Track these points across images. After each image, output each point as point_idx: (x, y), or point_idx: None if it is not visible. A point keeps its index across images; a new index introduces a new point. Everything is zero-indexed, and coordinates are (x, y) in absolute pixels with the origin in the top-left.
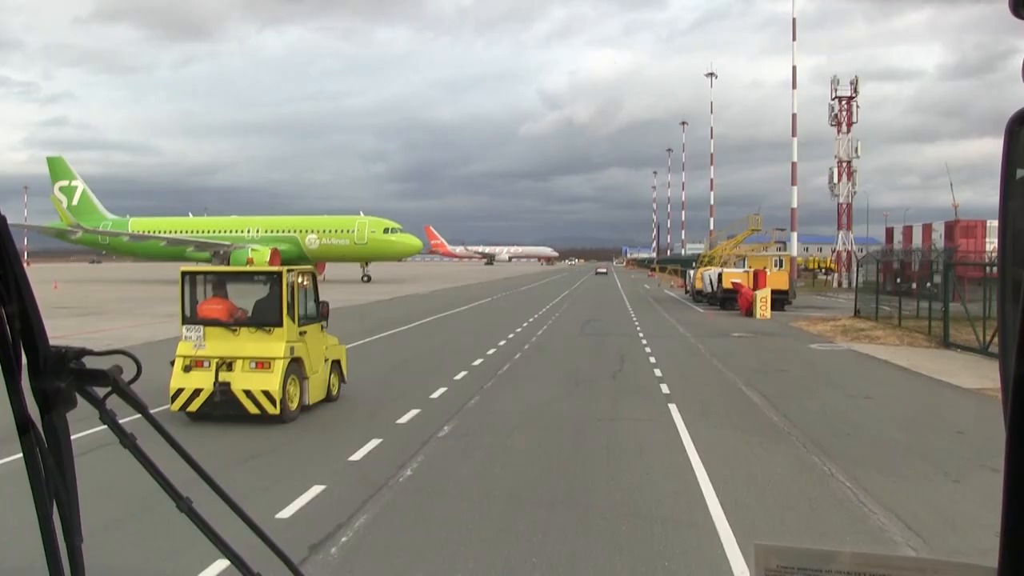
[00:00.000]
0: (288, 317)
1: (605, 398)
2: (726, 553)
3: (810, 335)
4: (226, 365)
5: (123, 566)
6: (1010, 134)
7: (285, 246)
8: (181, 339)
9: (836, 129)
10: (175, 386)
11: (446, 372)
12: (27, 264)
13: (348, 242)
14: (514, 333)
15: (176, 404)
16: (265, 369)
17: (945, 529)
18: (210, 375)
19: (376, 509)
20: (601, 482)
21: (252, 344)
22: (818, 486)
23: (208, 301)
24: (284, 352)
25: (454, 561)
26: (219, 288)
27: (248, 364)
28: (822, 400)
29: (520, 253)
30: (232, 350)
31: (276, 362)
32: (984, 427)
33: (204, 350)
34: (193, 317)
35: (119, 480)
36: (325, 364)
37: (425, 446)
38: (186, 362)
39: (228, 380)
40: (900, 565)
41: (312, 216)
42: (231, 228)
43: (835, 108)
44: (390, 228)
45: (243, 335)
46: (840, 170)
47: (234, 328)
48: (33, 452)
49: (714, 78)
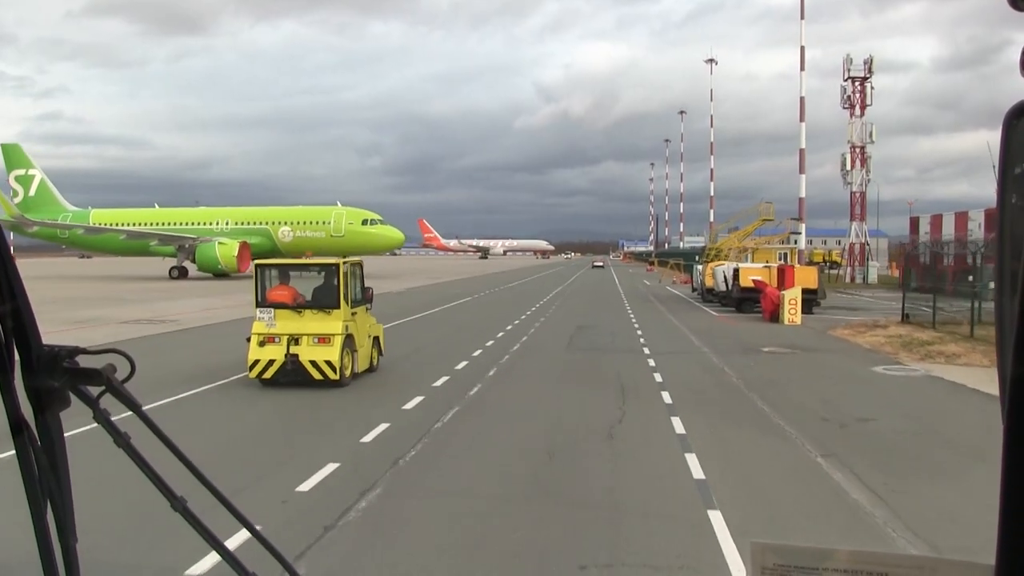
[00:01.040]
0: (344, 301)
1: (592, 505)
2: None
3: (863, 351)
4: (294, 340)
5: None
6: (1008, 127)
7: (256, 239)
8: (255, 319)
9: (849, 113)
10: (252, 358)
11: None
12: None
13: (324, 234)
14: (483, 348)
15: (253, 372)
16: (326, 344)
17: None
18: (281, 349)
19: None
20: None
21: (315, 323)
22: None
23: (276, 288)
24: (341, 329)
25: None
26: (284, 277)
27: (312, 339)
28: (974, 491)
29: (515, 247)
30: (298, 328)
31: (335, 338)
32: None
33: (275, 328)
34: (264, 301)
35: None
36: (368, 340)
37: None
38: (260, 338)
39: (296, 352)
40: (898, 563)
41: (285, 207)
42: (199, 220)
43: (847, 90)
44: (369, 219)
45: (307, 316)
46: (853, 156)
47: (299, 310)
48: (27, 451)
49: (714, 64)
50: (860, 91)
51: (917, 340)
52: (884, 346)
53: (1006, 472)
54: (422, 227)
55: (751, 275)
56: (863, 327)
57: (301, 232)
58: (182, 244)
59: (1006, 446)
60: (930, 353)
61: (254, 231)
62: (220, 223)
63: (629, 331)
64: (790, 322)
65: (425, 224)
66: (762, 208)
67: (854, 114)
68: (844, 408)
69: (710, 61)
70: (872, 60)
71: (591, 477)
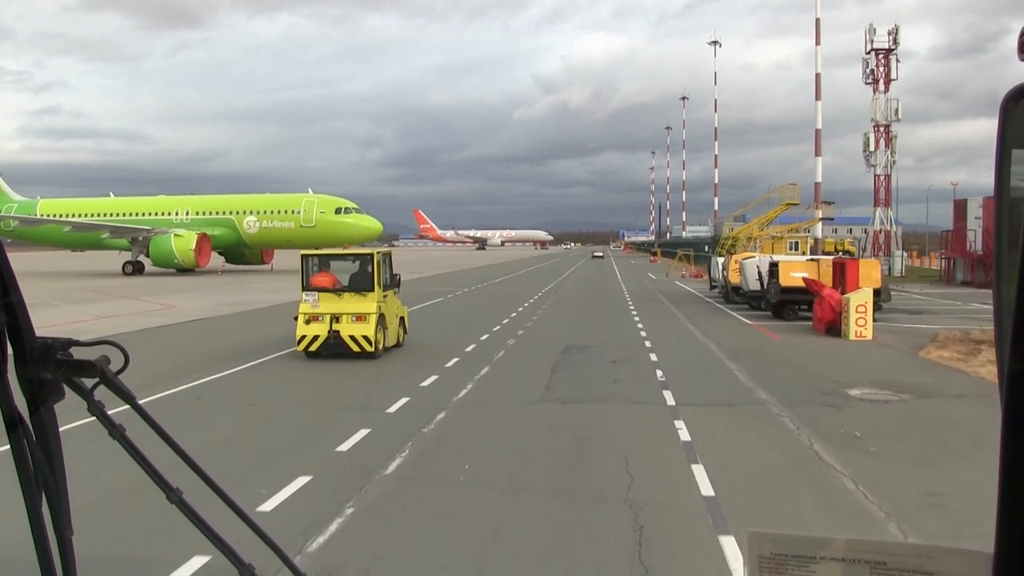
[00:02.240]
0: (377, 285)
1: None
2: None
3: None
4: (335, 318)
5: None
6: (1005, 111)
7: (219, 230)
8: (301, 301)
9: (872, 88)
10: (300, 334)
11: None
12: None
13: (293, 225)
14: (405, 399)
15: (301, 346)
16: (363, 321)
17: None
18: (324, 326)
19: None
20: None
21: (353, 304)
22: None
23: (318, 275)
24: (375, 309)
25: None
26: (325, 265)
27: (351, 318)
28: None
29: (513, 237)
30: (339, 308)
31: (370, 316)
32: None
33: (319, 308)
34: (308, 286)
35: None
36: (396, 319)
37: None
38: (306, 317)
39: (338, 329)
40: (895, 551)
41: (252, 195)
42: (157, 210)
43: (870, 63)
44: (344, 208)
45: (345, 298)
46: (877, 136)
47: (339, 293)
48: (21, 444)
49: (718, 47)
50: (884, 64)
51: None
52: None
53: (1004, 464)
54: (418, 218)
55: (795, 271)
56: (961, 344)
57: (268, 222)
58: (135, 236)
59: (1004, 438)
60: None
61: (217, 221)
62: (180, 213)
63: (639, 355)
64: (858, 337)
65: (421, 215)
66: (785, 191)
67: (877, 90)
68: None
69: (714, 43)
70: (897, 30)
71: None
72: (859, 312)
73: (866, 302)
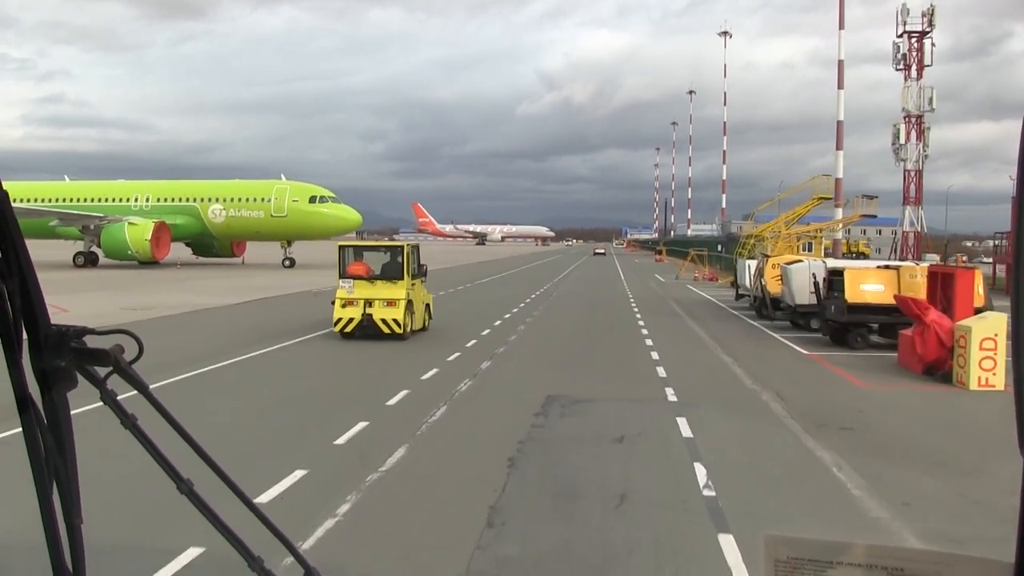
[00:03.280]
0: (406, 274)
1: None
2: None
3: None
4: (368, 303)
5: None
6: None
7: (181, 219)
8: (338, 287)
9: (903, 75)
10: (337, 316)
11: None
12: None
13: (263, 214)
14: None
15: (337, 327)
16: (393, 306)
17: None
18: (359, 309)
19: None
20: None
21: (384, 290)
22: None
23: (353, 264)
24: (404, 295)
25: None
26: (359, 256)
27: (382, 303)
28: None
29: (514, 233)
30: (372, 294)
31: (400, 302)
32: None
33: (354, 294)
34: (344, 274)
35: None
36: (422, 306)
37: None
38: (342, 302)
39: (370, 312)
40: (913, 558)
41: (219, 181)
42: (113, 195)
43: (901, 48)
44: (319, 196)
45: (378, 285)
46: (908, 128)
47: (372, 280)
48: (33, 431)
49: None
50: (918, 48)
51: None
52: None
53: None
54: (416, 211)
55: (867, 282)
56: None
57: (236, 211)
58: (87, 225)
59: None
60: None
61: (180, 209)
62: (139, 199)
63: (660, 422)
64: (983, 385)
65: (420, 208)
66: (817, 184)
67: (909, 76)
68: None
69: (724, 34)
70: (933, 10)
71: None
72: (985, 349)
73: (996, 335)
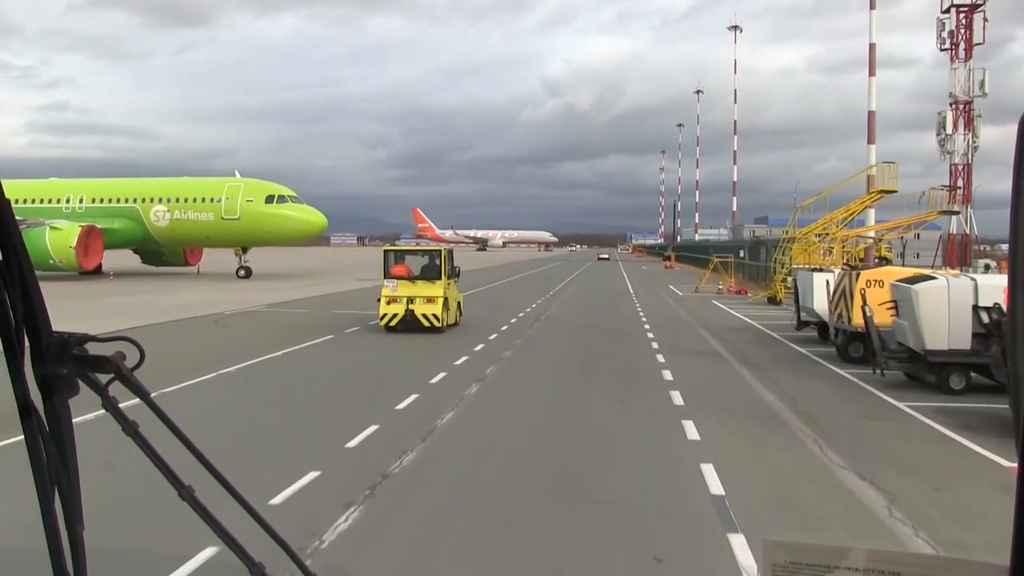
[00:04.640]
0: (443, 275)
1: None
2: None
3: None
4: (410, 300)
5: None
6: (1022, 129)
7: (120, 223)
8: (383, 286)
9: (950, 56)
10: (382, 312)
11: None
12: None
13: (212, 216)
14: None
15: (383, 322)
16: (432, 303)
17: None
18: (402, 306)
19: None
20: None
21: (424, 289)
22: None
23: (396, 266)
24: (442, 293)
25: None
26: (401, 259)
27: (423, 300)
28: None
29: (516, 238)
30: (413, 292)
31: (438, 299)
32: None
33: (397, 292)
34: (388, 274)
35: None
36: (455, 303)
37: None
38: (387, 299)
39: (412, 308)
40: (910, 562)
41: (163, 179)
42: (43, 196)
43: (947, 25)
44: (277, 195)
45: (419, 284)
46: (956, 115)
47: (413, 280)
48: (35, 438)
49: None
50: (967, 24)
51: None
52: None
53: (1022, 478)
54: (416, 216)
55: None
56: None
57: (181, 213)
58: None
59: (1021, 449)
60: None
61: (118, 211)
62: (71, 200)
63: None
64: None
65: (419, 213)
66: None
67: (956, 57)
68: None
69: (734, 28)
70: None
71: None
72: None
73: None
